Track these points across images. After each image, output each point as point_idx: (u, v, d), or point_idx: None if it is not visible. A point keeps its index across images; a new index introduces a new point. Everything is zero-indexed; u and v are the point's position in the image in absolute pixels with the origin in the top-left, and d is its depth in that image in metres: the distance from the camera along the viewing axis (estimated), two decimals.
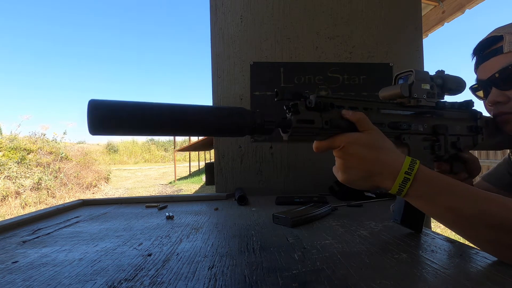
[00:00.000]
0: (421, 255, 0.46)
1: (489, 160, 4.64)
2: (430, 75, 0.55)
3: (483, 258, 0.44)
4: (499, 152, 4.44)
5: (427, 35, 3.45)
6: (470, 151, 0.61)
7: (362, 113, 0.46)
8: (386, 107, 0.53)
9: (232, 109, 0.42)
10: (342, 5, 1.28)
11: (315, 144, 0.47)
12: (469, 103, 0.61)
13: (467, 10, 2.87)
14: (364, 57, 1.28)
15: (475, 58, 0.64)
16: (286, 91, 0.44)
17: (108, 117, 0.36)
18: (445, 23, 3.14)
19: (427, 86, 0.53)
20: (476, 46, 0.63)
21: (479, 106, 0.68)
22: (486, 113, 0.65)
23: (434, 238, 0.55)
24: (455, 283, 0.37)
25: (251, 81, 1.25)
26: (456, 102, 0.61)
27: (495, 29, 0.60)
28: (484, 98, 0.64)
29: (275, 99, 0.44)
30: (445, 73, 0.56)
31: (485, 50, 0.61)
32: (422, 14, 1.51)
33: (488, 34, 0.61)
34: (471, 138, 0.60)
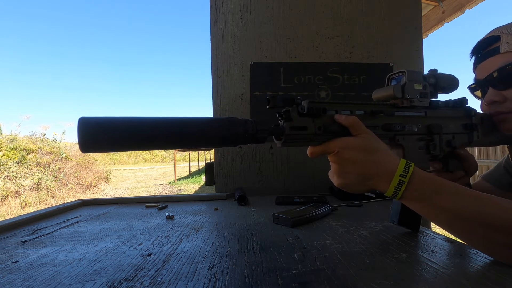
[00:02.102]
0: (421, 255, 0.46)
1: (489, 160, 4.64)
2: (423, 75, 0.55)
3: (483, 258, 0.44)
4: (499, 151, 4.44)
5: (427, 35, 3.45)
6: (466, 149, 0.61)
7: (355, 117, 0.46)
8: (379, 108, 0.52)
9: (224, 120, 0.42)
10: (342, 5, 1.28)
11: (309, 150, 0.47)
12: (463, 100, 0.61)
13: (467, 10, 2.87)
14: (364, 57, 1.28)
15: (473, 58, 0.65)
16: (278, 98, 0.43)
17: (99, 134, 0.35)
18: (445, 23, 3.14)
19: (420, 86, 0.53)
20: (475, 46, 0.63)
21: (475, 103, 0.68)
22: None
23: (434, 238, 0.55)
24: (455, 283, 0.37)
25: (251, 81, 1.25)
26: (450, 100, 0.60)
27: (493, 29, 0.61)
28: (482, 98, 0.64)
29: (267, 107, 0.44)
30: (438, 71, 0.56)
31: (483, 50, 0.61)
32: (422, 14, 1.51)
33: (486, 34, 0.61)
34: (466, 135, 0.60)
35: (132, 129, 0.37)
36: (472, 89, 0.66)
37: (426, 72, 0.58)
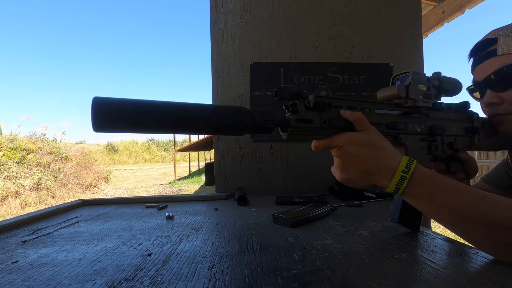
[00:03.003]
0: (421, 255, 0.46)
1: (488, 161, 4.64)
2: (427, 77, 0.55)
3: (483, 258, 0.44)
4: (498, 152, 4.44)
5: (427, 35, 3.45)
6: (467, 152, 0.61)
7: (360, 113, 0.47)
8: (384, 107, 0.53)
9: (232, 108, 0.43)
10: (342, 5, 1.28)
11: (313, 143, 0.48)
12: (466, 104, 0.61)
13: (467, 10, 2.87)
14: (364, 57, 1.28)
15: (471, 59, 0.65)
16: (286, 91, 0.44)
17: (111, 114, 0.36)
18: (445, 23, 3.14)
19: (424, 87, 0.54)
20: (473, 48, 0.64)
21: (476, 106, 0.69)
22: (482, 114, 0.65)
23: (434, 238, 0.55)
24: (455, 283, 0.37)
25: (251, 81, 1.25)
26: (453, 103, 0.61)
27: (491, 31, 0.61)
28: (480, 99, 0.64)
29: (274, 99, 0.45)
30: (442, 74, 0.57)
31: (480, 52, 0.61)
32: (422, 14, 1.51)
33: (484, 36, 0.62)
34: (468, 138, 0.61)
35: (143, 111, 0.38)
36: (470, 90, 0.67)
37: (426, 71, 0.58)
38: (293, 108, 0.45)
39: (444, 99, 0.59)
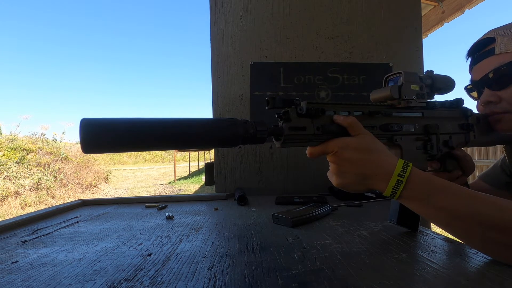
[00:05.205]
0: (421, 255, 0.46)
1: (488, 160, 4.64)
2: (419, 76, 0.55)
3: (483, 258, 0.44)
4: (498, 151, 4.44)
5: (427, 35, 3.45)
6: (463, 149, 0.62)
7: (353, 118, 0.47)
8: (377, 109, 0.53)
9: (224, 121, 0.42)
10: (342, 5, 1.28)
11: (308, 150, 0.48)
12: (459, 101, 0.61)
13: (467, 10, 2.87)
14: (364, 57, 1.28)
15: (469, 59, 0.65)
16: (277, 99, 0.44)
17: (101, 135, 0.35)
18: (445, 23, 3.15)
19: (417, 87, 0.54)
20: (470, 47, 0.64)
21: (471, 104, 0.69)
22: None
23: (433, 238, 0.55)
24: (455, 283, 0.37)
25: (251, 81, 1.25)
26: (447, 101, 0.61)
27: (489, 31, 0.61)
28: (478, 99, 0.65)
29: (267, 108, 0.45)
30: (434, 73, 0.57)
31: (478, 52, 0.62)
32: (422, 14, 1.51)
33: (481, 36, 0.62)
34: (463, 135, 0.61)
35: (133, 130, 0.37)
36: (468, 90, 0.67)
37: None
38: (286, 116, 0.45)
39: (438, 97, 0.59)
